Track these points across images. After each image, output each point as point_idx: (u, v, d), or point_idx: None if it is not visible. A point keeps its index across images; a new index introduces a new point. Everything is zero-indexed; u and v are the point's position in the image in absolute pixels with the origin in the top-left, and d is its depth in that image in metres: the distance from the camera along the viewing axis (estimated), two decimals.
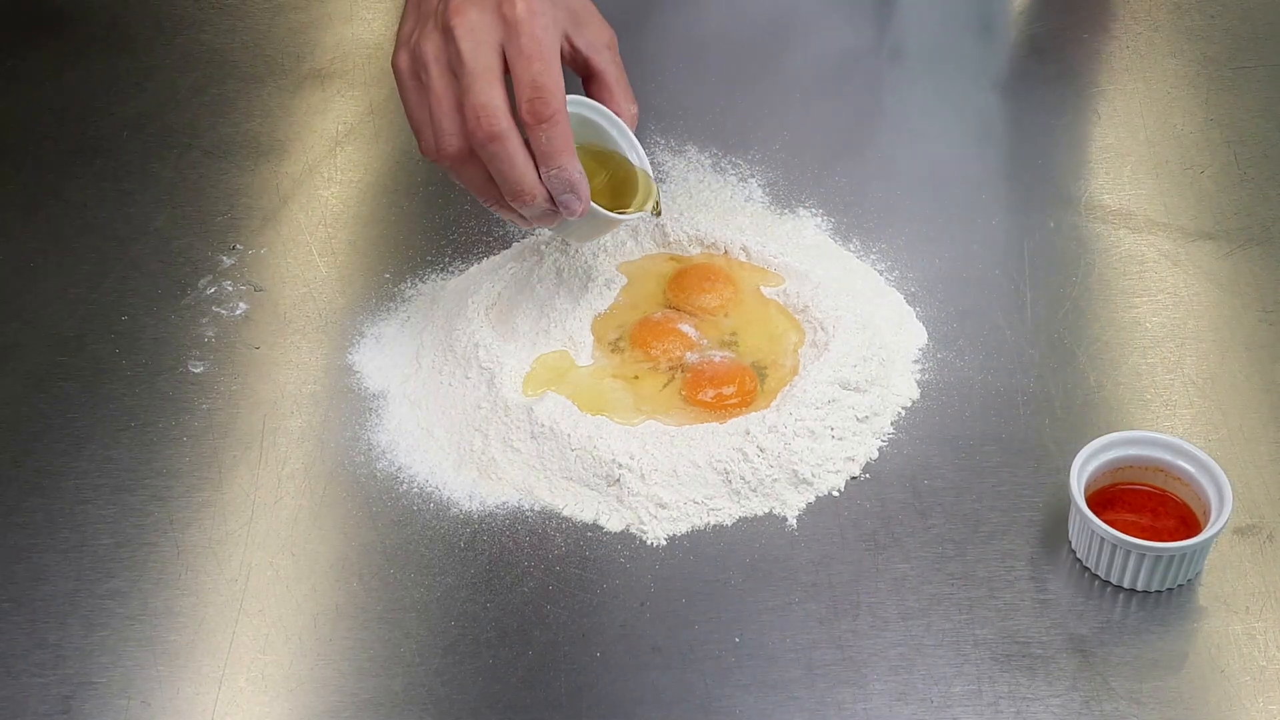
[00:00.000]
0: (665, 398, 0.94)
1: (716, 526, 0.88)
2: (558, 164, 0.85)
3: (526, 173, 0.85)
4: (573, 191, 0.86)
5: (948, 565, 0.86)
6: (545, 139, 0.84)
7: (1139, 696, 0.79)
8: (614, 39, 0.91)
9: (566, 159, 0.85)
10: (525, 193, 0.86)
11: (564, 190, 0.86)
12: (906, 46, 1.24)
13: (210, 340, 1.00)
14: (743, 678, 0.81)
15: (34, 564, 0.87)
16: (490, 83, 0.84)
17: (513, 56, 0.84)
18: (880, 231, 1.07)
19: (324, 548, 0.88)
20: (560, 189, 0.86)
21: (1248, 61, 1.23)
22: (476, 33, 0.84)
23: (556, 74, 0.84)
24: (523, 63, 0.83)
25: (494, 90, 0.84)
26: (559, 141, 0.84)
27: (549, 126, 0.83)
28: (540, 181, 0.86)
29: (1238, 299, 1.02)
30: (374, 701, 0.80)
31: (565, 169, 0.85)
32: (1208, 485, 0.84)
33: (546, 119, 0.83)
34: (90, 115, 1.20)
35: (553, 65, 0.84)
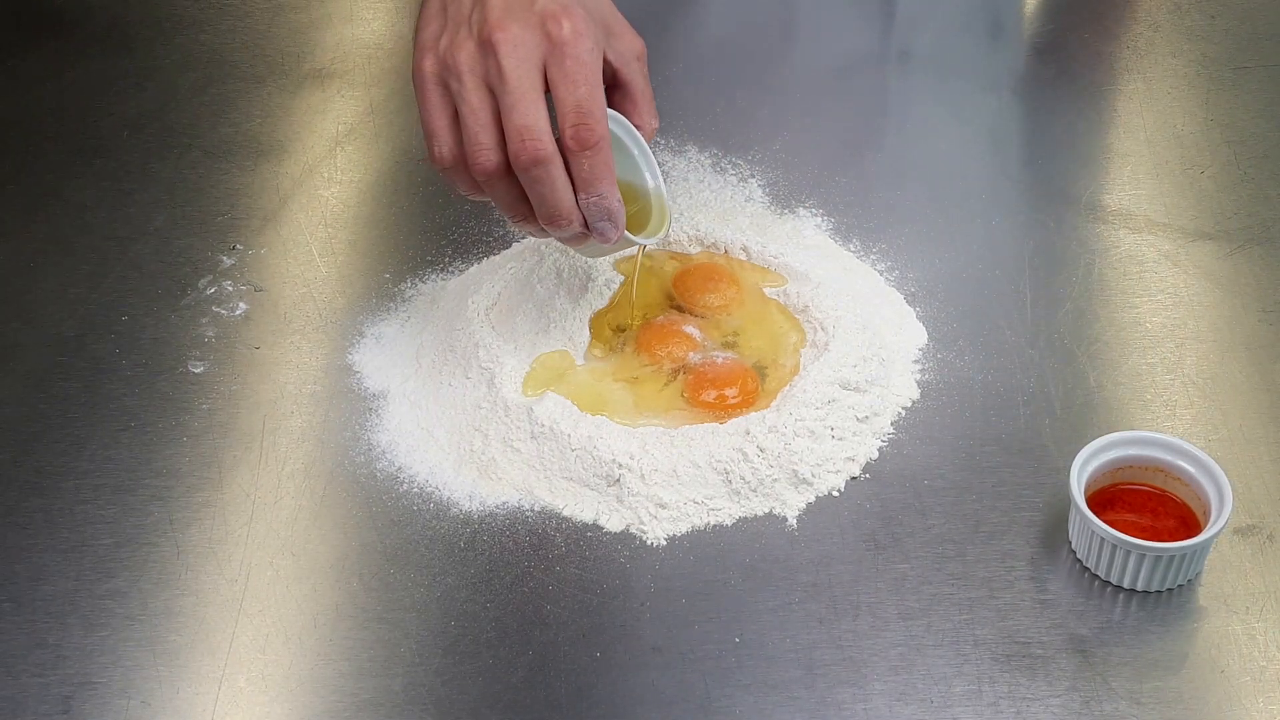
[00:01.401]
0: (666, 398, 0.94)
1: (716, 526, 0.88)
2: (598, 192, 0.83)
3: (566, 198, 0.84)
4: (610, 220, 0.85)
5: (948, 565, 0.86)
6: (588, 166, 0.82)
7: (1139, 696, 0.79)
8: (643, 50, 0.90)
9: (607, 187, 0.83)
10: (562, 218, 0.84)
11: (601, 218, 0.84)
12: (906, 48, 1.24)
13: (210, 340, 1.00)
14: (743, 678, 0.81)
15: (34, 564, 0.87)
16: (534, 103, 0.82)
17: (556, 78, 0.82)
18: (880, 231, 1.07)
19: (324, 548, 0.88)
20: (597, 216, 0.84)
21: (1248, 61, 1.23)
22: (520, 49, 0.82)
23: (601, 99, 0.83)
24: (568, 85, 0.82)
25: (539, 111, 0.82)
26: (601, 169, 0.83)
27: (592, 154, 0.82)
28: (577, 206, 0.84)
29: (1238, 299, 1.02)
30: (374, 701, 0.80)
31: (605, 197, 0.84)
32: (1208, 485, 0.84)
33: (591, 146, 0.82)
34: (90, 115, 1.20)
35: (597, 90, 0.83)
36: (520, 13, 0.83)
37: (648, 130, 0.90)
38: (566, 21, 0.82)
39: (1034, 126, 1.18)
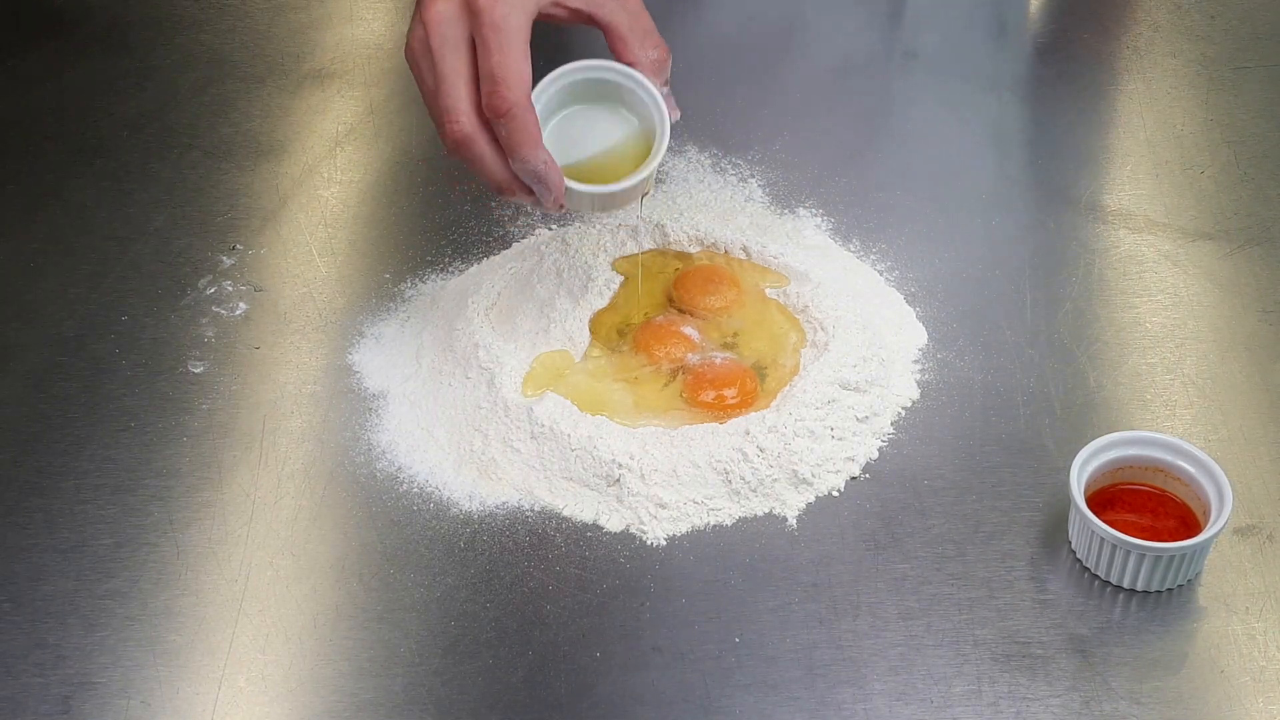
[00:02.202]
0: (665, 398, 0.94)
1: (716, 526, 0.88)
2: (521, 156, 0.83)
3: (496, 171, 0.85)
4: (541, 182, 0.85)
5: (948, 565, 0.86)
6: (505, 133, 0.83)
7: (1139, 696, 0.79)
8: None
9: (528, 150, 0.83)
10: (504, 189, 0.86)
11: (534, 181, 0.85)
12: (909, 48, 1.24)
13: (210, 340, 1.00)
14: (743, 678, 0.81)
15: (34, 564, 0.87)
16: (454, 84, 0.83)
17: (477, 47, 0.83)
18: (880, 231, 1.07)
19: (324, 548, 0.88)
20: (531, 180, 0.85)
21: (1248, 61, 1.23)
22: (444, 27, 0.83)
23: (516, 62, 0.82)
24: (484, 53, 0.82)
25: (458, 91, 0.83)
26: (519, 134, 0.83)
27: (507, 120, 0.82)
28: (512, 175, 0.85)
29: (1238, 299, 1.02)
30: (374, 701, 0.80)
31: (529, 160, 0.84)
32: (1208, 485, 0.84)
33: (504, 113, 0.82)
34: (90, 115, 1.20)
35: (510, 53, 0.82)
36: None
37: (645, 64, 0.88)
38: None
39: (1034, 126, 1.18)
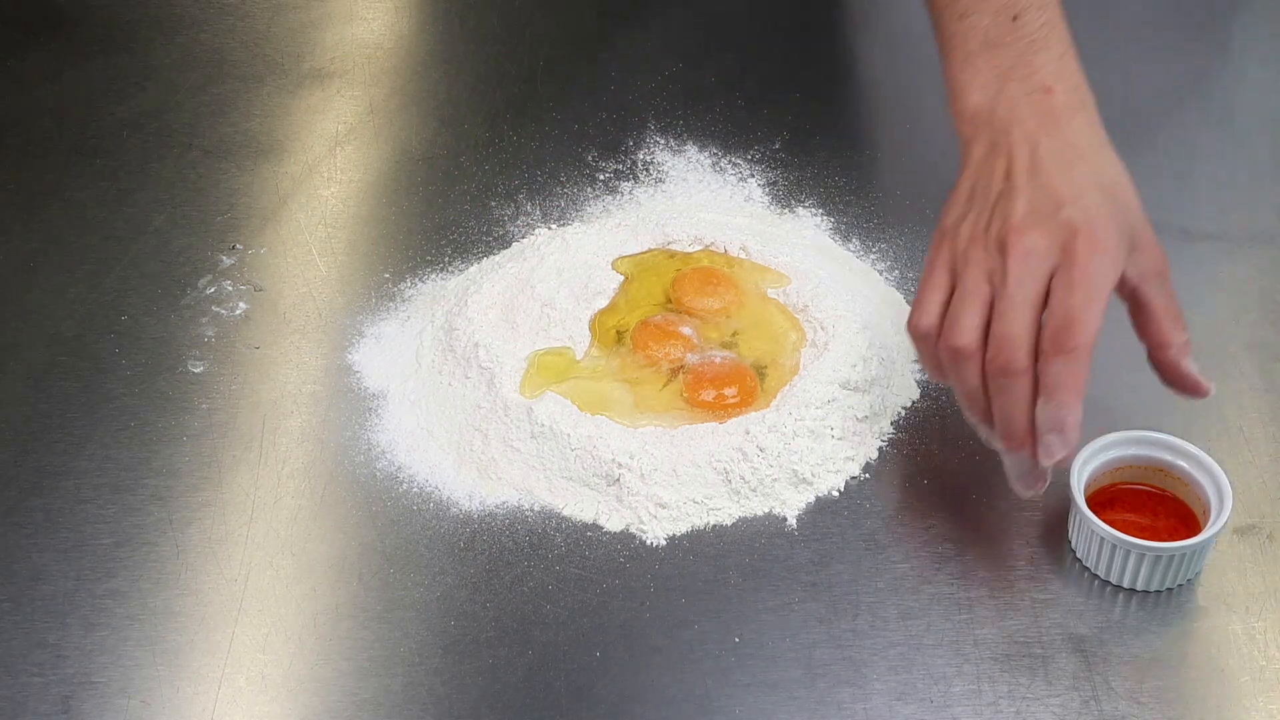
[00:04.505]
0: (665, 398, 0.94)
1: (716, 526, 0.89)
2: (1060, 400, 0.78)
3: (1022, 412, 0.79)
4: (1059, 431, 0.78)
5: (948, 565, 0.86)
6: (1055, 371, 0.77)
7: (1139, 696, 0.79)
8: (1166, 267, 0.83)
9: (1069, 396, 0.77)
10: (1015, 438, 0.80)
11: (1050, 428, 0.78)
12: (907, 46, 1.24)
13: (210, 340, 1.00)
14: (743, 678, 0.81)
15: (34, 564, 0.87)
16: (1025, 314, 0.79)
17: (1059, 285, 0.79)
18: (880, 231, 1.07)
19: (324, 548, 0.88)
20: (1047, 425, 0.78)
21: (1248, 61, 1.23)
22: (1031, 258, 0.79)
23: (1096, 312, 0.78)
24: (1066, 291, 0.78)
25: (1025, 322, 0.79)
26: (1068, 378, 0.77)
27: (1067, 360, 0.77)
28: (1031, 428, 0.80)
29: (1238, 299, 1.02)
30: (374, 701, 0.80)
31: (1064, 405, 0.78)
32: (1207, 485, 0.84)
33: (1068, 351, 0.77)
34: (90, 115, 1.20)
35: (1095, 304, 0.78)
36: (1043, 219, 0.80)
37: (1171, 345, 0.84)
38: (1086, 238, 0.79)
39: None
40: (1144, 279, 0.83)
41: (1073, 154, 0.83)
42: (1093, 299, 0.78)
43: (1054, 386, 0.78)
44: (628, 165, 1.13)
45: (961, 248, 0.83)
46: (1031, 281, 0.79)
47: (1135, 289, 0.83)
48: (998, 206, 0.82)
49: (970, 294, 0.81)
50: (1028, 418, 0.79)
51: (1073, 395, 0.78)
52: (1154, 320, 0.83)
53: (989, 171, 0.84)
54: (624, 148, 1.15)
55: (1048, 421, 0.78)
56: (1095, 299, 0.78)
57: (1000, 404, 0.80)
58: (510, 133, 1.17)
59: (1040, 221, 0.80)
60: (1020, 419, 0.79)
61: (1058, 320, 0.78)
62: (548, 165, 1.14)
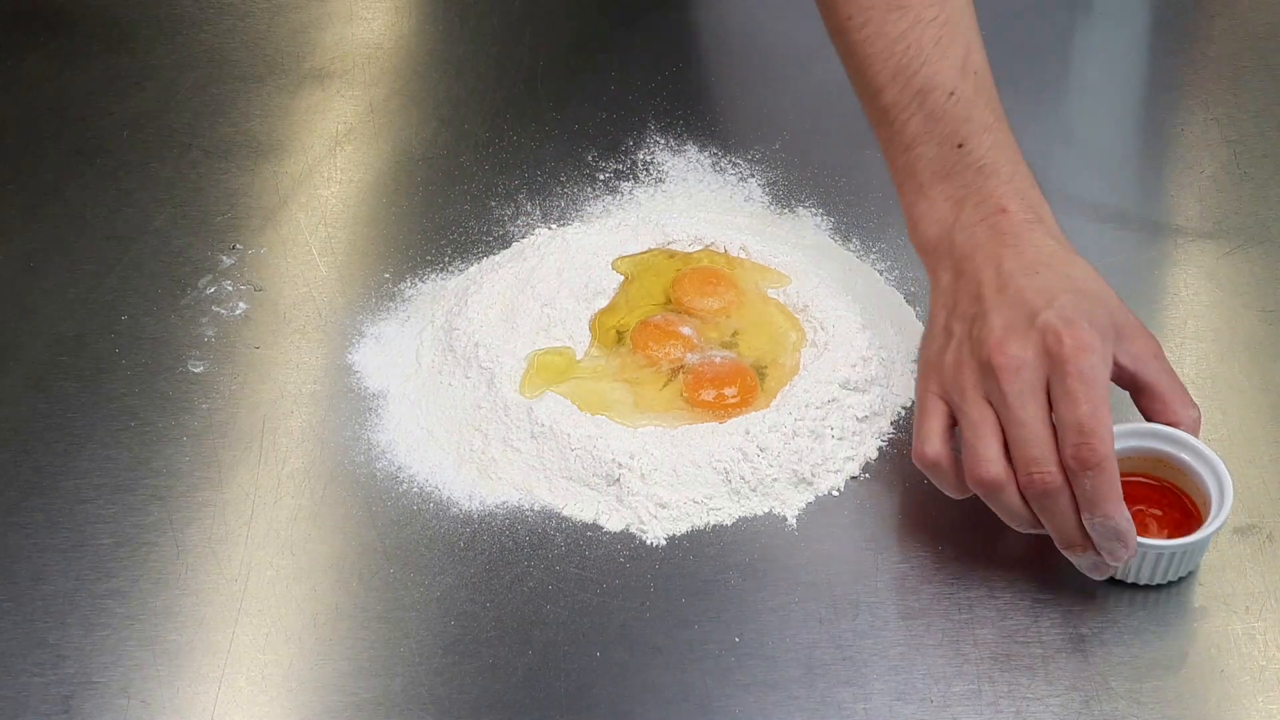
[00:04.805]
0: (666, 398, 0.94)
1: (716, 526, 0.88)
2: (1102, 513, 0.78)
3: (1073, 524, 0.80)
4: (1118, 539, 0.79)
5: (948, 565, 0.86)
6: (1090, 487, 0.78)
7: (1139, 696, 0.79)
8: (1159, 349, 0.85)
9: (1111, 506, 0.78)
10: (1076, 544, 0.81)
11: (1108, 538, 0.79)
12: None
13: (210, 340, 1.00)
14: (743, 678, 0.81)
15: (34, 564, 0.87)
16: (1039, 432, 0.79)
17: (1058, 395, 0.79)
18: (880, 231, 1.07)
19: (324, 548, 0.88)
20: (1104, 536, 0.79)
21: (1248, 62, 1.23)
22: (1022, 373, 0.79)
23: (1105, 416, 0.78)
24: (1069, 403, 0.78)
25: (1045, 440, 0.79)
26: (1104, 490, 0.78)
27: (1095, 474, 0.77)
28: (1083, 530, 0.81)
29: (1238, 299, 1.02)
30: (374, 701, 0.80)
31: (1111, 517, 0.78)
32: (1208, 477, 0.84)
33: (1093, 466, 0.77)
34: (90, 115, 1.20)
35: (1101, 406, 0.78)
36: (1020, 330, 0.81)
37: (1187, 424, 0.84)
38: (1068, 338, 0.79)
39: (1034, 126, 1.18)
40: (1141, 364, 0.83)
41: (1038, 264, 0.84)
42: (1096, 403, 0.78)
43: (1093, 501, 0.78)
44: (628, 165, 1.13)
45: (950, 376, 0.83)
46: (1030, 396, 0.79)
47: (1134, 375, 0.83)
48: (974, 329, 0.83)
49: (978, 423, 0.81)
50: (1079, 528, 0.80)
51: (1114, 504, 0.78)
52: (1162, 401, 0.84)
53: (959, 298, 0.85)
54: (624, 148, 1.15)
55: (1102, 533, 0.79)
56: (1098, 401, 0.78)
57: (1048, 521, 0.81)
58: (510, 133, 1.17)
59: (1019, 334, 0.81)
60: (1072, 529, 0.80)
61: (1073, 437, 0.78)
62: (548, 165, 1.14)
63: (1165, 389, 0.84)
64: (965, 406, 0.82)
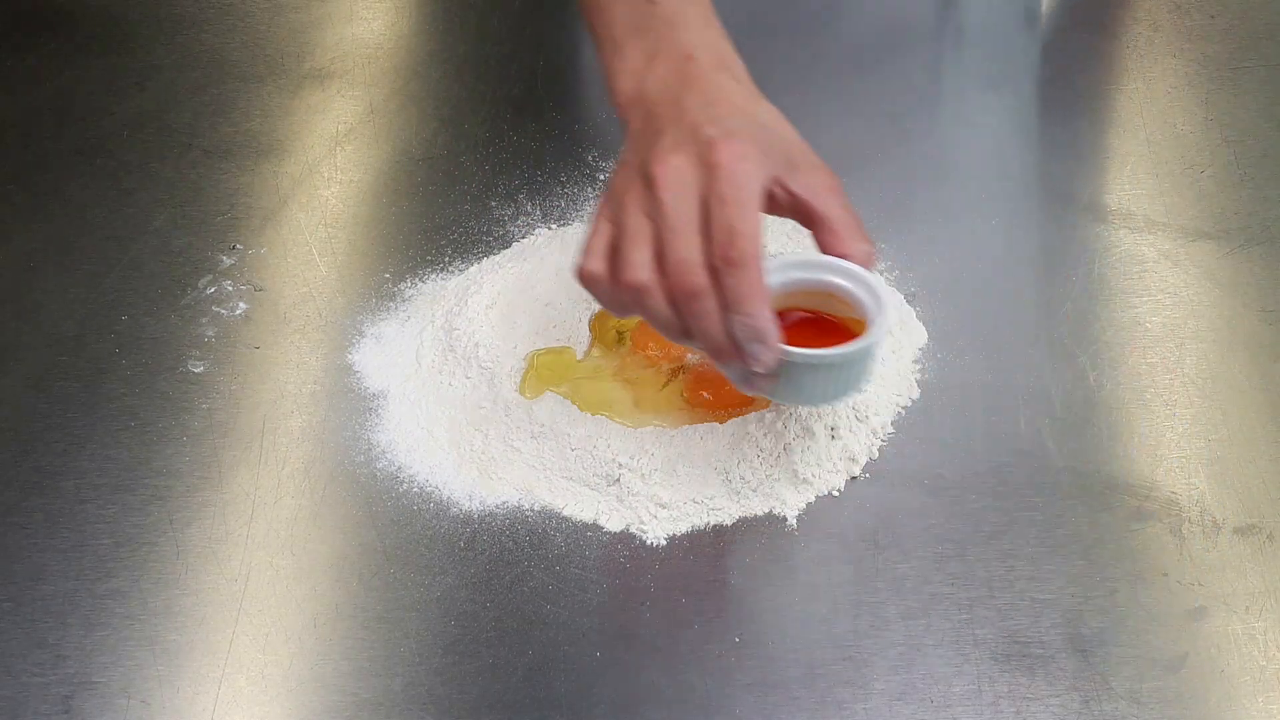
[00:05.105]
0: (665, 398, 0.94)
1: (716, 526, 0.89)
2: (745, 311, 0.79)
3: (720, 327, 0.81)
4: (760, 340, 0.80)
5: (948, 565, 0.86)
6: (733, 284, 0.79)
7: (1139, 696, 0.79)
8: (837, 184, 0.85)
9: (754, 306, 0.79)
10: (725, 349, 0.81)
11: (750, 339, 0.80)
12: (908, 45, 1.24)
13: (210, 340, 1.00)
14: (743, 678, 0.81)
15: (34, 564, 0.87)
16: (689, 235, 0.80)
17: (711, 202, 0.80)
18: (880, 231, 1.07)
19: (324, 548, 0.88)
20: (746, 337, 0.80)
21: (1248, 61, 1.23)
22: (679, 182, 0.81)
23: (751, 219, 0.80)
24: (718, 207, 0.80)
25: (692, 243, 0.80)
26: (746, 288, 0.79)
27: (738, 271, 0.79)
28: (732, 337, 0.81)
29: (1238, 299, 1.02)
30: (374, 701, 0.80)
31: (753, 316, 0.79)
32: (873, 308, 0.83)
33: (736, 263, 0.79)
34: (90, 115, 1.20)
35: (748, 210, 0.80)
36: (683, 145, 0.82)
37: (858, 255, 0.85)
38: (724, 147, 0.80)
39: (1034, 126, 1.18)
40: (815, 195, 0.84)
41: (720, 102, 0.84)
42: (745, 207, 0.80)
43: (736, 300, 0.79)
44: None
45: (617, 195, 0.84)
46: (684, 204, 0.80)
47: (809, 206, 0.84)
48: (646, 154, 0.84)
49: (633, 232, 0.82)
50: (724, 331, 0.81)
51: (757, 304, 0.79)
52: (835, 234, 0.85)
53: (643, 138, 0.86)
54: None
55: (744, 334, 0.80)
56: (747, 206, 0.80)
57: (694, 326, 0.81)
58: (510, 133, 1.17)
59: (681, 147, 0.82)
60: (718, 335, 0.81)
61: (720, 237, 0.79)
62: (548, 165, 1.14)
63: (838, 222, 0.84)
64: (624, 219, 0.83)
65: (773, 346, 0.80)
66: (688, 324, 0.81)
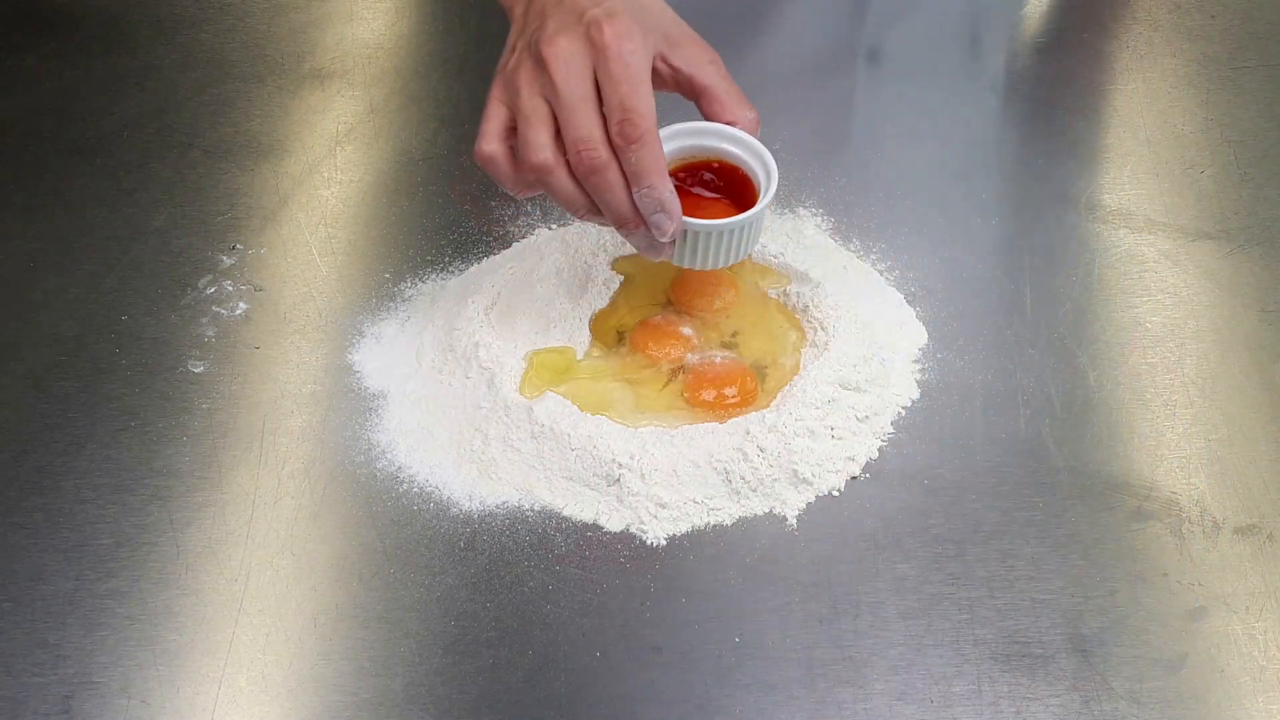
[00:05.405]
0: (666, 398, 0.94)
1: (716, 526, 0.89)
2: (647, 183, 0.85)
3: (625, 200, 0.86)
4: (663, 210, 0.86)
5: (948, 565, 0.86)
6: (635, 159, 0.84)
7: (1139, 696, 0.79)
8: (717, 57, 0.91)
9: (656, 178, 0.84)
10: (630, 220, 0.86)
11: (654, 209, 0.86)
12: (907, 47, 1.24)
13: (210, 340, 1.00)
14: (743, 678, 0.81)
15: (34, 564, 0.87)
16: (587, 114, 0.84)
17: (602, 81, 0.84)
18: (880, 231, 1.07)
19: (324, 548, 0.88)
20: (650, 208, 0.86)
21: (1248, 61, 1.23)
22: (570, 62, 0.85)
23: (645, 95, 0.84)
24: (611, 86, 0.84)
25: (592, 121, 0.84)
26: (648, 161, 0.84)
27: (638, 147, 0.84)
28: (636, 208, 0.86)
29: (1238, 299, 1.02)
30: (374, 701, 0.80)
31: (655, 188, 0.85)
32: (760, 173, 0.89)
33: (635, 140, 0.84)
34: (90, 115, 1.20)
35: (641, 87, 0.84)
36: (569, 27, 0.85)
37: (743, 122, 0.90)
38: (609, 27, 0.84)
39: (1034, 126, 1.18)
40: (696, 68, 0.89)
41: None
42: (636, 83, 0.84)
43: (638, 173, 0.84)
44: None
45: (509, 79, 0.88)
46: (578, 83, 0.85)
47: (691, 78, 0.89)
48: (532, 34, 0.88)
49: (531, 115, 0.86)
50: (629, 203, 0.86)
51: (658, 176, 0.85)
52: (719, 103, 0.90)
53: (527, 22, 0.89)
54: None
55: (648, 206, 0.85)
56: (638, 82, 0.84)
57: (600, 199, 0.86)
58: None
59: (568, 30, 0.86)
60: (623, 206, 0.86)
61: (615, 115, 0.84)
62: None
63: (721, 91, 0.90)
64: (520, 102, 0.86)
65: (675, 216, 0.86)
66: (593, 198, 0.86)
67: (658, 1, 0.90)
